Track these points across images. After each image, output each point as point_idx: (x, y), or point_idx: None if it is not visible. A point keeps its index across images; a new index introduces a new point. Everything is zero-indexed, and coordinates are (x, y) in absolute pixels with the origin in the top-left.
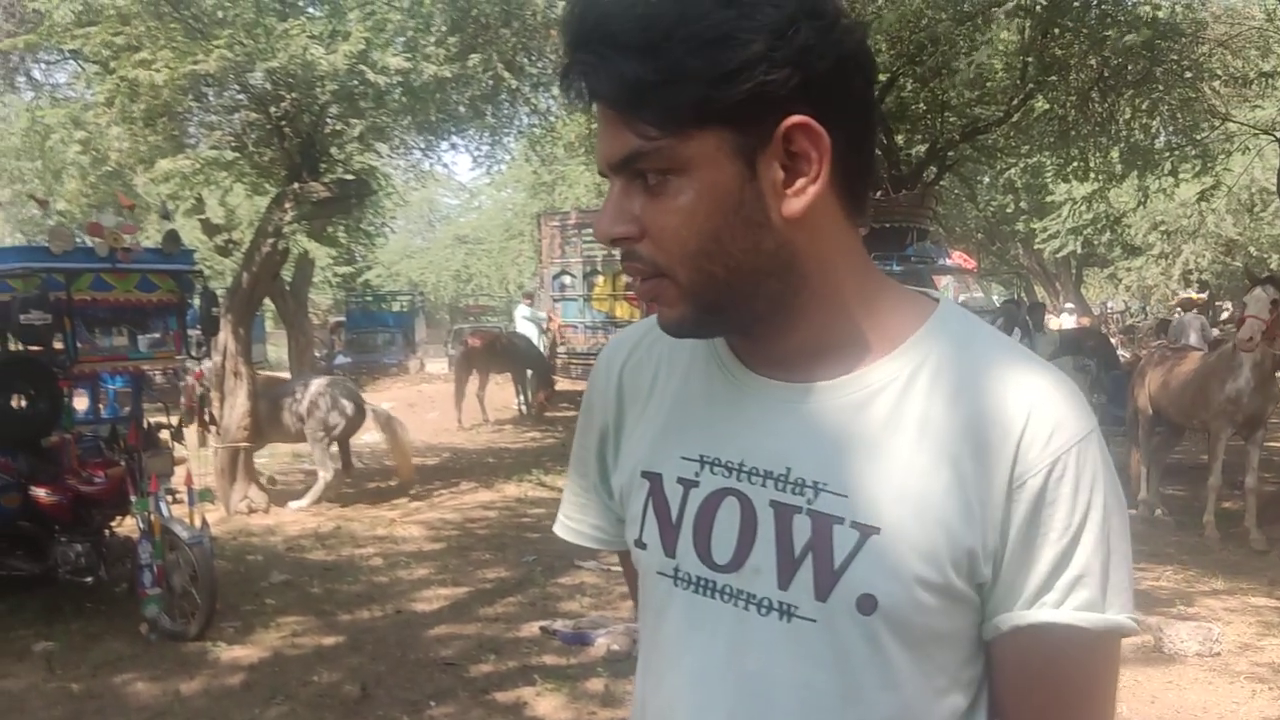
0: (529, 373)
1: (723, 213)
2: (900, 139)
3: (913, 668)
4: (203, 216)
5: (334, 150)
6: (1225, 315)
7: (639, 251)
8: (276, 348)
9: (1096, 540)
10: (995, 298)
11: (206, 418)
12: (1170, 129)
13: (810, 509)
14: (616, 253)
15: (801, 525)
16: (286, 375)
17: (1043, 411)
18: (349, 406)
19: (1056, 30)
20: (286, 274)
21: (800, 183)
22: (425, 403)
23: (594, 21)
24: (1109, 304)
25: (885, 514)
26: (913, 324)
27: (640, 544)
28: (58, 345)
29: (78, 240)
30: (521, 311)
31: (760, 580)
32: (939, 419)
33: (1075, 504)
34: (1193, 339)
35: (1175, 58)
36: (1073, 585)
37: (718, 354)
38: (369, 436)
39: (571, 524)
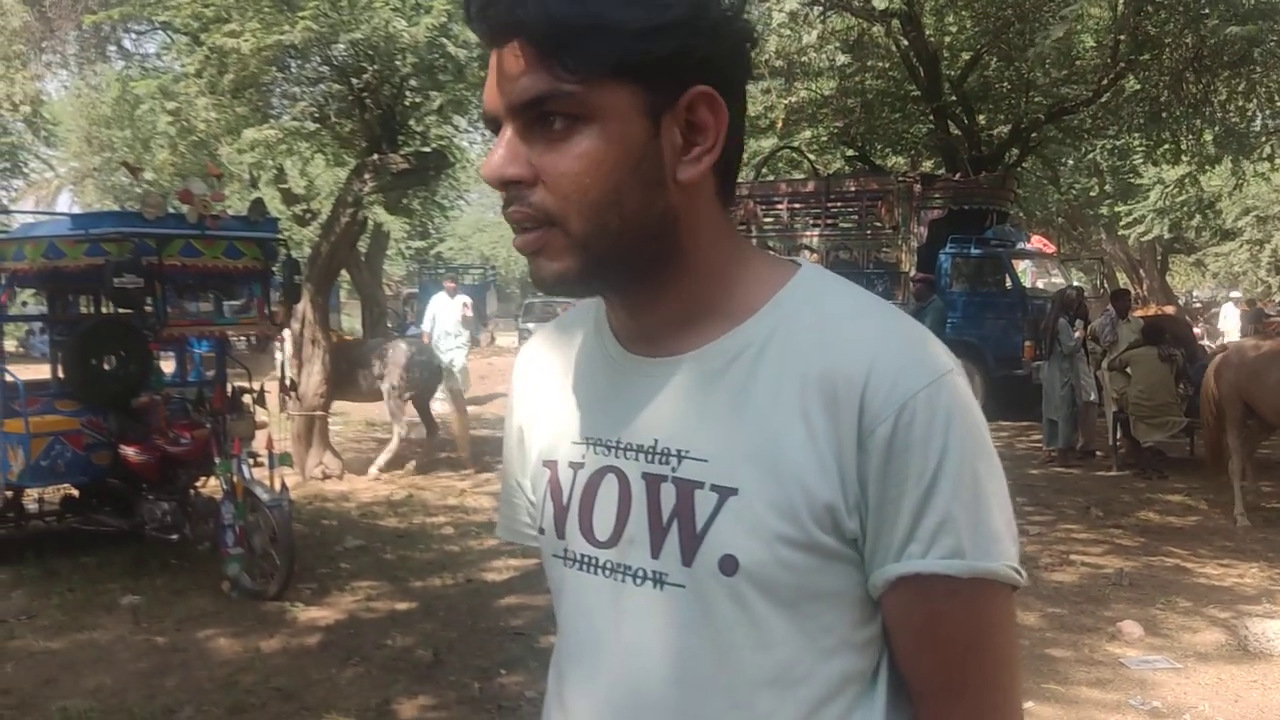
0: None
1: (625, 167)
2: (982, 119)
3: (789, 628)
4: (284, 186)
5: (412, 123)
6: None
7: (529, 198)
8: (350, 317)
9: (956, 485)
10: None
11: (287, 384)
12: (1267, 112)
13: (675, 476)
14: None
15: (668, 493)
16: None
17: (886, 358)
18: (426, 368)
19: (1150, 7)
20: (362, 245)
21: (696, 151)
22: (496, 376)
23: None
24: (1195, 293)
25: (742, 475)
26: (770, 290)
27: (540, 530)
28: (148, 309)
29: (169, 207)
30: (440, 300)
31: (634, 551)
32: (792, 377)
33: (929, 449)
34: None
35: (1275, 40)
36: (936, 533)
37: (601, 337)
38: (439, 406)
39: (506, 522)
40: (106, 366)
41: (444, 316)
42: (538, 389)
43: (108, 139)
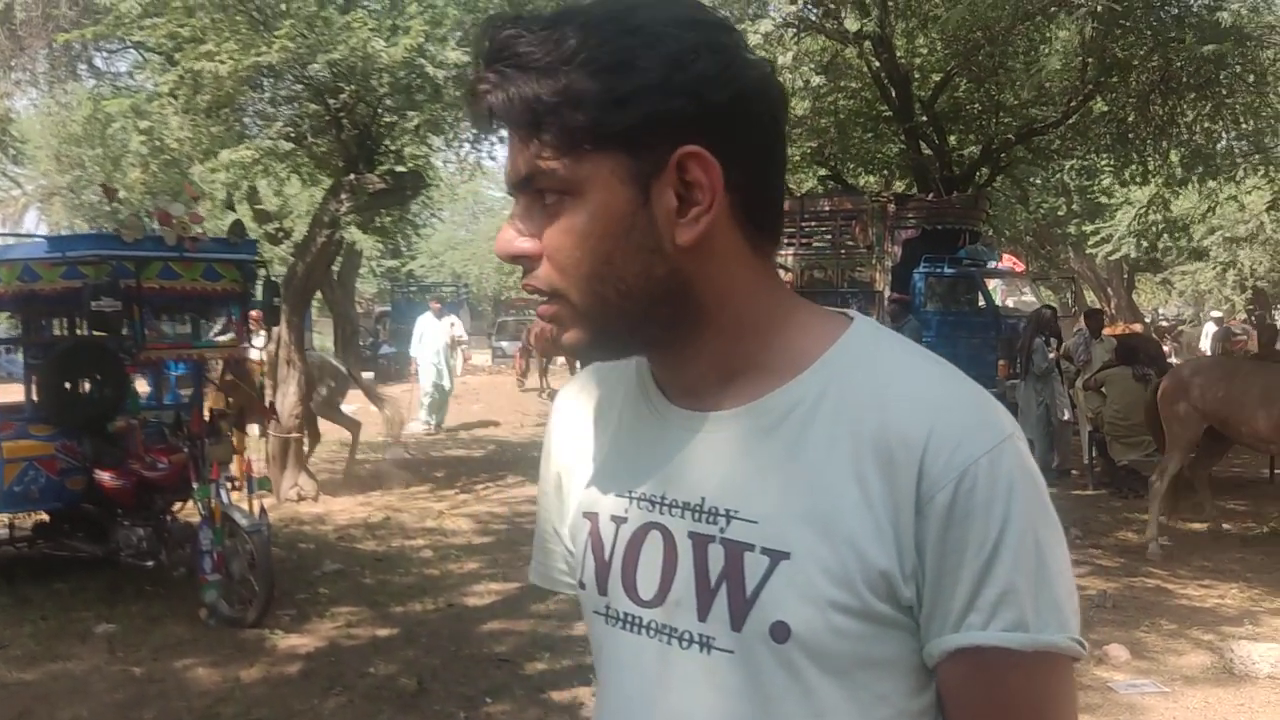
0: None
1: (614, 236)
2: (953, 140)
3: (841, 697)
4: (259, 206)
5: (388, 142)
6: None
7: (536, 272)
8: (321, 335)
9: (1017, 555)
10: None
11: (267, 406)
12: (1233, 134)
13: (723, 537)
14: None
15: (716, 554)
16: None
17: (946, 423)
18: (335, 378)
19: (1119, 31)
20: (334, 264)
21: (694, 212)
22: (469, 395)
23: (502, 42)
24: (1160, 311)
25: (794, 538)
26: (821, 345)
27: (581, 585)
28: (125, 332)
29: (147, 229)
30: (427, 321)
31: (681, 613)
32: (846, 439)
33: (990, 518)
34: None
35: (1239, 64)
36: (997, 604)
37: (645, 388)
38: (416, 426)
39: (542, 569)
40: (82, 390)
41: (431, 338)
42: (578, 435)
43: (77, 157)
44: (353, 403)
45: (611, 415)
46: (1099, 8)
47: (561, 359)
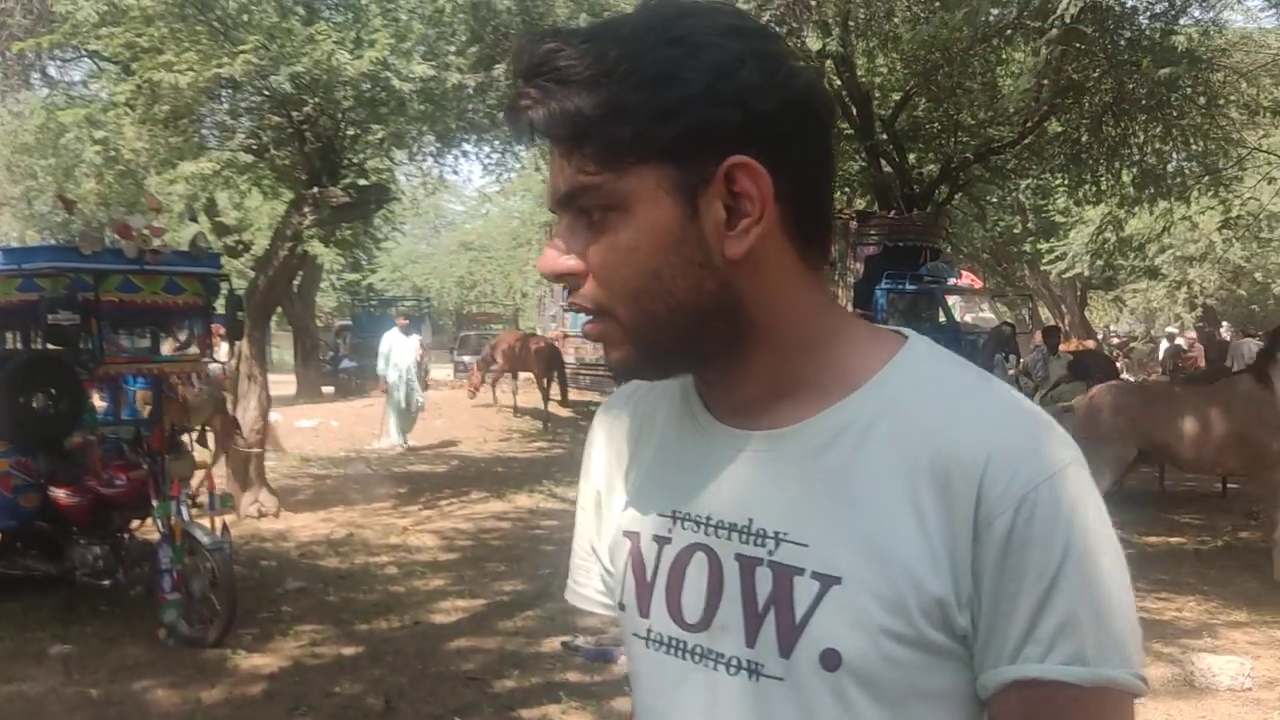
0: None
1: (663, 251)
2: (913, 158)
3: None
4: (218, 218)
5: (350, 156)
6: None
7: (582, 290)
8: (280, 349)
9: (1079, 584)
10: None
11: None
12: (1183, 155)
13: (771, 560)
14: None
15: (764, 578)
16: None
17: (1006, 447)
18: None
19: (1074, 53)
20: (295, 278)
21: (743, 224)
22: (431, 409)
23: (543, 56)
24: (1111, 328)
25: (845, 562)
26: (874, 364)
27: (621, 606)
28: (83, 345)
29: (107, 241)
30: (394, 338)
31: (728, 638)
32: (900, 460)
33: (1050, 546)
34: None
35: (1189, 86)
36: (1056, 636)
37: (690, 405)
38: (380, 443)
39: (578, 588)
40: (37, 405)
41: (399, 355)
42: (618, 452)
43: (29, 167)
44: (312, 417)
45: (652, 432)
46: (1055, 31)
47: (525, 374)
